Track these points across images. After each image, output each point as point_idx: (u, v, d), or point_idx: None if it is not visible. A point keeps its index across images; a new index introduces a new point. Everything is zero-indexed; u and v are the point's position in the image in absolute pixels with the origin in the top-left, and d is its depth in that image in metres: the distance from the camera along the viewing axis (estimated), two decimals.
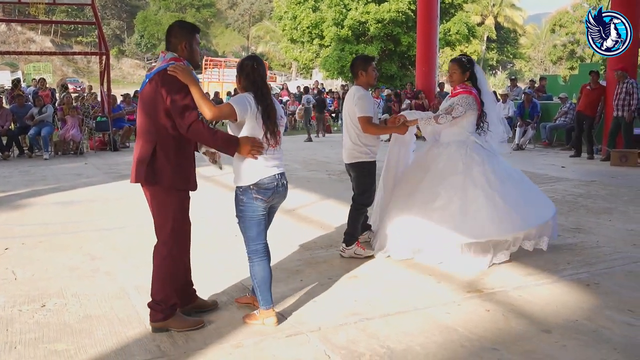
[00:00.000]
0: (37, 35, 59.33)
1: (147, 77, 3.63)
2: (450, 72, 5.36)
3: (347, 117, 5.24)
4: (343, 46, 28.52)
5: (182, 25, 3.75)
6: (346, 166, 5.38)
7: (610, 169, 10.67)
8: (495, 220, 4.95)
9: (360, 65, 5.17)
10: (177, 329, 3.69)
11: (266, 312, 3.79)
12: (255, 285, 3.80)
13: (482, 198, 4.99)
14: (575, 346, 3.47)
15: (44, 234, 6.23)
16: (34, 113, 13.25)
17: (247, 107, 3.62)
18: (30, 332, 3.72)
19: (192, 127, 3.49)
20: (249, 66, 3.73)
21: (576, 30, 48.87)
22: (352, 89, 5.24)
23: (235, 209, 3.80)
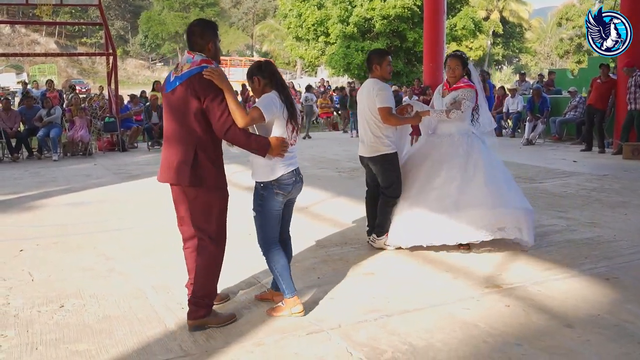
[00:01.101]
0: (42, 37, 59.57)
1: (178, 78, 3.61)
2: (452, 68, 5.37)
3: (365, 111, 5.20)
4: (349, 43, 28.49)
5: (206, 25, 3.74)
6: (365, 160, 5.35)
7: (622, 163, 10.61)
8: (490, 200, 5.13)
9: (375, 59, 5.18)
10: (214, 325, 3.73)
11: (292, 301, 3.84)
12: (277, 275, 3.86)
13: (482, 178, 5.18)
14: (599, 341, 3.44)
15: (57, 235, 6.24)
16: (42, 115, 13.26)
17: (274, 108, 3.69)
18: (51, 332, 3.72)
19: (230, 131, 3.55)
20: (263, 63, 3.84)
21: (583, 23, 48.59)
22: (369, 83, 5.21)
23: (254, 203, 3.87)
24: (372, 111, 5.13)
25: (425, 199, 5.19)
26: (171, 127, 3.69)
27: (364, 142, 5.29)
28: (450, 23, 28.73)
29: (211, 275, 3.77)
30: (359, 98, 5.34)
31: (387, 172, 5.23)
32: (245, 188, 6.61)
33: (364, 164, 5.42)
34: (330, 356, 3.33)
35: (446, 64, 5.45)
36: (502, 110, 16.04)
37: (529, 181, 8.79)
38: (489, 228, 5.10)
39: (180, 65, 3.68)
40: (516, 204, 5.27)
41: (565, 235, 5.73)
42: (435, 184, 5.22)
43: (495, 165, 5.40)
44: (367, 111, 5.19)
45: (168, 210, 7.10)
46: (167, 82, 3.74)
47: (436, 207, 5.11)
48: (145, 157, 13.11)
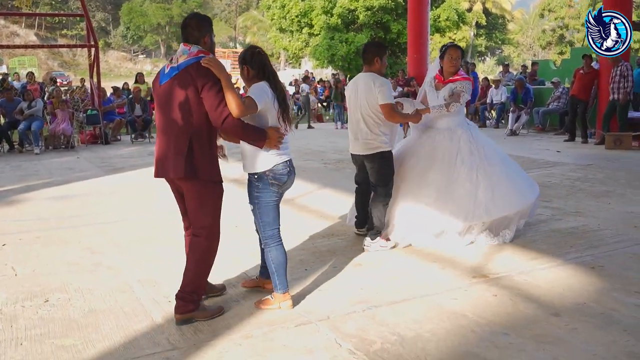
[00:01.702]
0: (21, 29, 58.71)
1: (174, 69, 3.58)
2: (455, 58, 5.26)
3: (363, 107, 4.96)
4: (333, 35, 28.42)
5: (202, 19, 3.72)
6: (360, 158, 5.15)
7: (605, 153, 10.70)
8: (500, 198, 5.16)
9: (376, 52, 5.00)
10: (202, 319, 3.71)
11: (283, 296, 3.85)
12: (273, 269, 3.84)
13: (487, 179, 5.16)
14: (586, 329, 3.47)
15: (40, 229, 6.16)
16: (23, 107, 13.10)
17: (265, 97, 3.67)
18: (36, 327, 3.68)
19: (227, 121, 3.50)
20: (260, 55, 3.80)
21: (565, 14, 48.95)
22: (367, 77, 4.97)
23: (250, 196, 3.85)
24: (371, 107, 4.91)
25: (434, 205, 5.07)
26: (166, 118, 3.62)
27: (358, 139, 5.06)
28: (433, 14, 28.76)
29: (201, 271, 3.74)
30: (352, 92, 5.09)
31: (383, 170, 5.05)
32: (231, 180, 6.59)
33: (358, 162, 5.24)
34: (319, 348, 3.32)
35: (446, 53, 5.27)
36: (486, 101, 16.11)
37: None
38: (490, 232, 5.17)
39: (175, 57, 3.64)
40: (527, 200, 5.33)
41: (550, 225, 5.77)
42: (454, 182, 5.11)
43: (500, 155, 5.41)
44: (365, 107, 4.95)
45: (153, 203, 7.09)
46: (161, 74, 3.69)
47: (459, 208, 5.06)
48: (129, 150, 13.01)
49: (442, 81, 5.34)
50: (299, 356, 3.23)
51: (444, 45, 5.43)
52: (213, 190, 3.68)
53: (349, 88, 5.18)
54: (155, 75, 3.82)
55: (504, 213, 5.14)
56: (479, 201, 5.10)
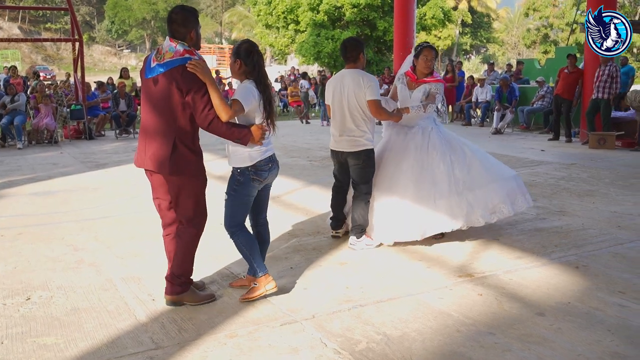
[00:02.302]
0: (4, 22, 58.01)
1: (160, 66, 3.59)
2: (430, 59, 5.25)
3: (351, 103, 4.91)
4: (319, 31, 28.34)
5: (188, 12, 3.69)
6: (344, 155, 5.07)
7: (588, 152, 10.78)
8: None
9: (360, 48, 4.99)
10: (191, 303, 3.85)
11: (264, 279, 3.92)
12: (247, 255, 3.94)
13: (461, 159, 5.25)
14: (570, 328, 3.48)
15: (23, 225, 6.08)
16: (5, 101, 12.92)
17: (252, 99, 3.76)
18: (17, 326, 3.62)
19: (213, 124, 3.60)
20: (257, 55, 3.85)
21: (550, 14, 49.23)
22: (356, 73, 4.94)
23: (228, 187, 3.94)
24: (360, 103, 4.89)
25: (412, 192, 5.07)
26: (150, 116, 3.69)
27: (343, 136, 5.00)
28: (419, 12, 28.77)
29: (188, 255, 3.85)
30: (336, 89, 5.01)
31: (366, 168, 5.03)
32: (216, 177, 6.55)
33: (340, 158, 5.14)
34: (304, 347, 3.30)
35: (421, 54, 5.25)
36: (471, 100, 16.16)
37: None
38: (484, 210, 5.16)
39: (161, 51, 3.64)
40: (504, 174, 5.43)
41: (535, 224, 5.79)
42: (422, 176, 5.12)
43: (469, 146, 5.46)
44: (354, 103, 4.91)
45: (137, 200, 7.03)
46: (147, 66, 3.70)
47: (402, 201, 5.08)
48: (113, 146, 12.90)
49: (415, 80, 5.30)
50: (284, 355, 3.21)
51: (420, 45, 5.37)
52: (198, 183, 3.79)
53: (332, 84, 5.10)
54: (142, 64, 3.82)
55: (484, 186, 5.20)
56: (456, 177, 5.15)
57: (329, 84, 5.18)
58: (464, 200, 5.10)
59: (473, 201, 5.14)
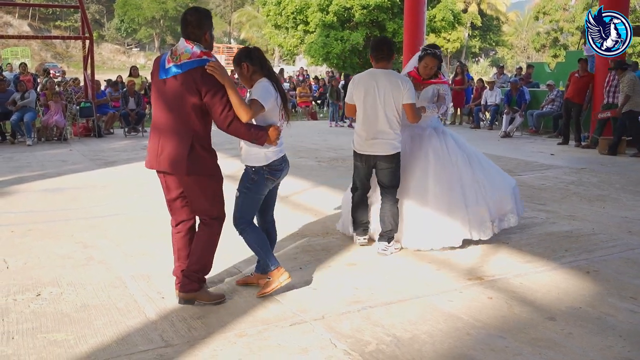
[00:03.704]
0: (15, 19, 58.29)
1: (177, 67, 3.57)
2: (431, 67, 5.18)
3: (389, 105, 4.75)
4: (328, 32, 28.34)
5: (202, 14, 3.70)
6: (376, 159, 4.89)
7: (598, 157, 10.73)
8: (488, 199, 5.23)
9: (393, 49, 4.92)
10: (204, 302, 3.84)
11: (277, 272, 3.96)
12: (258, 250, 3.99)
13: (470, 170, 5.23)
14: (581, 334, 3.46)
15: (33, 221, 6.10)
16: (16, 98, 12.97)
17: (270, 97, 3.79)
18: (27, 321, 3.63)
19: (232, 125, 3.62)
20: (258, 51, 3.91)
21: (560, 17, 49.04)
22: (391, 74, 4.83)
23: (241, 184, 3.97)
24: (397, 105, 4.76)
25: (447, 199, 5.03)
26: (166, 116, 3.67)
27: (378, 139, 4.82)
28: (429, 14, 28.73)
29: (208, 251, 3.86)
30: (368, 89, 4.80)
31: (397, 172, 4.92)
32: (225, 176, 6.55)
33: (370, 162, 4.93)
34: (314, 347, 3.30)
35: (423, 60, 5.19)
36: (481, 103, 16.13)
37: (508, 173, 8.79)
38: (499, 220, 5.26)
39: (177, 52, 3.61)
40: (511, 183, 5.48)
41: (545, 228, 5.77)
42: (452, 183, 5.09)
43: (479, 153, 5.48)
44: (390, 105, 4.75)
45: (147, 198, 7.03)
46: (161, 67, 3.67)
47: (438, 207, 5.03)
48: (122, 144, 12.93)
49: (421, 81, 5.21)
50: (294, 355, 3.21)
51: (425, 50, 5.27)
52: (215, 181, 3.79)
53: (363, 84, 4.86)
54: (153, 65, 3.79)
55: (500, 194, 5.28)
56: (480, 184, 5.19)
57: (357, 82, 4.92)
58: (486, 208, 5.12)
59: (492, 208, 5.17)
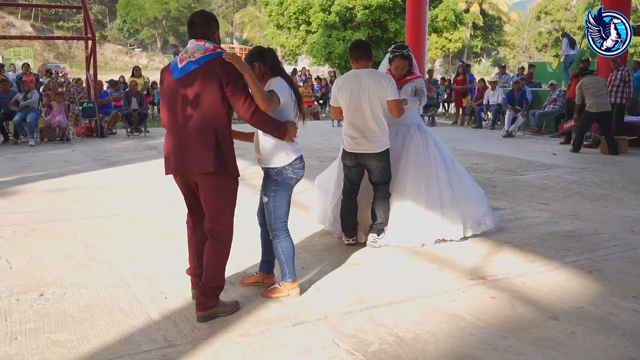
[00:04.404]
0: (17, 20, 58.39)
1: (193, 63, 3.52)
2: (401, 67, 5.28)
3: (374, 103, 4.84)
4: (330, 32, 28.36)
5: (209, 16, 3.70)
6: (366, 157, 4.95)
7: (600, 156, 10.72)
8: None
9: (371, 49, 5.01)
10: (223, 314, 3.71)
11: (291, 285, 4.00)
12: (283, 259, 3.96)
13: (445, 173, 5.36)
14: (584, 333, 3.46)
15: (35, 221, 6.11)
16: (19, 99, 12.98)
17: (285, 91, 3.78)
18: (30, 322, 3.64)
19: (255, 114, 3.56)
20: (271, 52, 3.92)
21: (561, 17, 48.98)
22: (374, 73, 4.94)
23: (266, 189, 3.91)
24: (382, 103, 4.86)
25: (424, 198, 5.17)
26: (185, 116, 3.54)
27: (366, 137, 4.90)
28: (431, 14, 28.74)
29: (222, 267, 3.73)
30: (354, 89, 4.88)
31: (388, 168, 5.03)
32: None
33: (360, 161, 5.00)
34: (317, 347, 3.30)
35: (393, 62, 5.30)
36: (482, 103, 16.12)
37: (510, 173, 8.83)
38: (473, 222, 5.34)
39: (188, 52, 3.57)
40: (478, 191, 5.57)
41: (547, 228, 5.77)
42: (430, 183, 5.21)
43: (450, 157, 5.54)
44: (376, 104, 4.85)
45: (149, 199, 7.05)
46: (173, 69, 3.60)
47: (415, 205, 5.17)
48: (125, 144, 12.94)
49: (397, 81, 5.19)
50: (297, 355, 3.21)
51: (392, 52, 5.35)
52: (233, 185, 3.70)
53: (348, 85, 4.94)
54: (163, 71, 3.73)
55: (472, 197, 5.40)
56: (455, 187, 5.31)
57: (342, 84, 4.99)
58: (459, 211, 5.24)
59: (466, 212, 5.28)
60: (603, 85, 10.96)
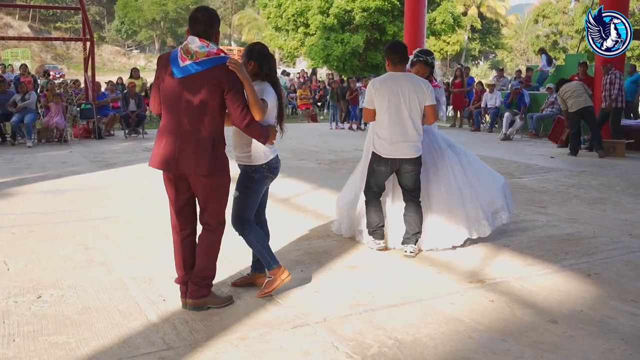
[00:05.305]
0: (15, 21, 58.27)
1: (196, 65, 3.52)
2: (422, 73, 5.18)
3: (414, 107, 4.80)
4: (328, 35, 28.39)
5: (213, 14, 3.69)
6: (402, 162, 4.87)
7: (598, 160, 10.74)
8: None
9: (407, 52, 4.98)
10: (214, 305, 3.82)
11: (279, 271, 4.04)
12: (260, 249, 4.04)
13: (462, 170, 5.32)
14: (583, 336, 3.46)
15: (33, 223, 6.09)
16: (16, 100, 12.97)
17: (272, 98, 3.89)
18: (28, 324, 3.62)
19: (250, 124, 3.66)
20: (272, 59, 3.96)
21: (559, 21, 49.11)
22: (413, 77, 4.91)
23: (241, 185, 4.00)
24: (421, 108, 4.83)
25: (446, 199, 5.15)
26: (183, 116, 3.57)
27: (406, 142, 4.82)
28: (429, 17, 28.78)
29: (214, 256, 3.85)
30: (393, 92, 4.80)
31: (419, 173, 4.96)
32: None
33: (395, 166, 4.90)
34: (316, 350, 3.30)
35: (414, 67, 5.22)
36: (480, 106, 16.14)
37: (509, 176, 8.81)
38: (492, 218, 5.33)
39: (190, 50, 3.54)
40: (500, 180, 5.55)
41: (546, 231, 5.77)
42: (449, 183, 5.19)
43: (462, 151, 5.51)
44: (415, 108, 4.80)
45: (147, 200, 7.04)
46: (173, 65, 3.59)
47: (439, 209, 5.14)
48: (122, 145, 12.92)
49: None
50: (296, 358, 3.20)
51: (417, 56, 5.28)
52: (225, 182, 3.78)
53: (385, 89, 4.84)
54: (160, 63, 3.69)
55: (490, 192, 5.36)
56: (472, 184, 5.27)
57: (379, 87, 4.88)
58: (479, 207, 5.19)
59: (485, 207, 5.24)
60: (579, 86, 11.22)
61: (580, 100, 10.97)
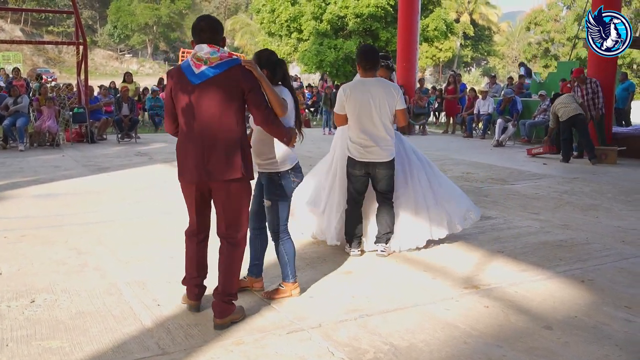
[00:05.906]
0: (7, 24, 58.09)
1: (212, 69, 3.47)
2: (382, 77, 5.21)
3: (384, 112, 4.87)
4: (322, 40, 28.46)
5: (217, 21, 3.70)
6: (376, 167, 4.94)
7: (590, 166, 10.79)
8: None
9: (379, 57, 5.04)
10: (237, 320, 3.72)
11: (293, 285, 4.14)
12: (286, 261, 4.10)
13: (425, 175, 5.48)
14: (578, 342, 3.47)
15: (26, 227, 6.06)
16: (8, 103, 12.91)
17: (291, 101, 3.90)
18: (22, 328, 3.60)
19: (274, 121, 3.67)
20: (277, 59, 3.97)
21: (551, 28, 49.47)
22: (384, 82, 4.97)
23: (270, 194, 4.00)
24: (391, 112, 4.91)
25: (413, 201, 5.31)
26: (208, 122, 3.49)
27: (377, 146, 4.90)
28: (422, 24, 28.88)
29: (237, 272, 3.76)
30: (364, 97, 4.85)
31: (393, 176, 5.06)
32: None
33: (369, 169, 4.97)
34: (311, 356, 3.29)
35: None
36: (473, 112, 16.19)
37: (501, 182, 8.87)
38: (459, 217, 5.50)
39: (202, 57, 3.49)
40: (455, 187, 5.75)
41: (539, 237, 5.79)
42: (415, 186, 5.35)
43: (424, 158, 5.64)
44: (386, 112, 4.88)
45: (140, 204, 7.02)
46: (187, 74, 3.52)
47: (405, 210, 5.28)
48: (115, 150, 12.88)
49: None
50: None
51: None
52: (250, 189, 3.76)
53: (355, 94, 4.89)
54: (173, 77, 3.61)
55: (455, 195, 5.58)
56: (435, 188, 5.43)
57: (349, 93, 4.92)
58: (443, 210, 5.38)
59: (450, 209, 5.43)
60: (569, 97, 11.39)
61: (570, 109, 11.06)
